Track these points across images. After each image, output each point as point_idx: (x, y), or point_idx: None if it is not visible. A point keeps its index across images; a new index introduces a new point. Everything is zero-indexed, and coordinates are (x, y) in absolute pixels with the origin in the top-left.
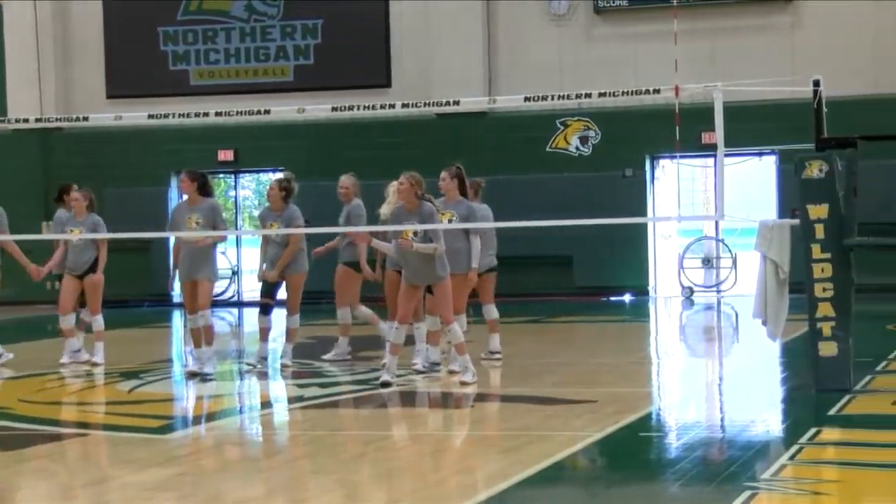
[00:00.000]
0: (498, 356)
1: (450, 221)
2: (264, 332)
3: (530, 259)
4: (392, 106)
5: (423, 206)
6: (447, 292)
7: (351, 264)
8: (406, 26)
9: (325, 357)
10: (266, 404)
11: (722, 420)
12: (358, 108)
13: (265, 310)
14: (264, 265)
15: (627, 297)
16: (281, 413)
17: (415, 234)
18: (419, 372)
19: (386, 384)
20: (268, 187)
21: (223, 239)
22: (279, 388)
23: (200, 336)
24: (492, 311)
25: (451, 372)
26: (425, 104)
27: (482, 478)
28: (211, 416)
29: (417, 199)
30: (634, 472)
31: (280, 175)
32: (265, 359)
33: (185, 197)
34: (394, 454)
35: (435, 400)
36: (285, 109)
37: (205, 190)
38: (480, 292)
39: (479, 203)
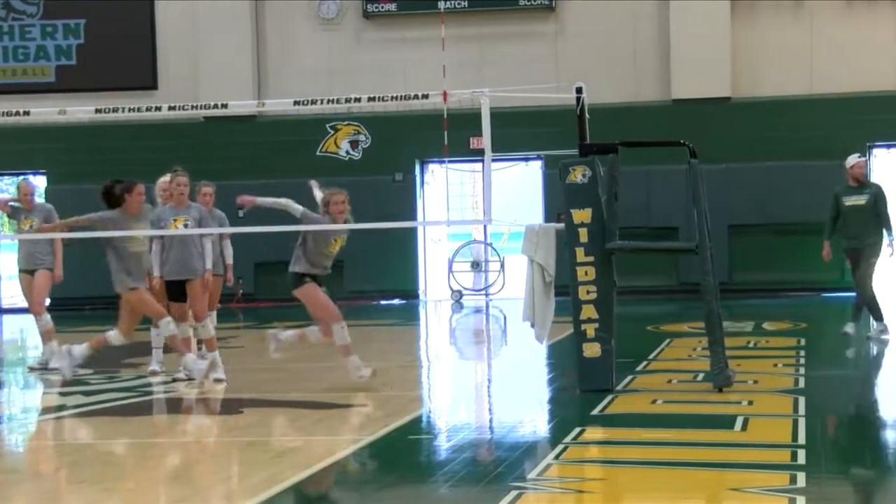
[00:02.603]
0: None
1: (185, 226)
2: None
3: None
4: (158, 108)
5: (192, 205)
6: (203, 290)
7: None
8: (173, 27)
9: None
10: (26, 413)
11: (490, 421)
12: (122, 111)
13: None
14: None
15: (397, 301)
16: (42, 422)
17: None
18: (185, 377)
19: (219, 380)
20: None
21: None
22: (40, 397)
23: None
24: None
25: (218, 380)
26: (192, 107)
27: (252, 484)
28: None
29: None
30: (404, 475)
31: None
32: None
33: None
34: (162, 462)
35: (202, 406)
36: (46, 111)
37: None
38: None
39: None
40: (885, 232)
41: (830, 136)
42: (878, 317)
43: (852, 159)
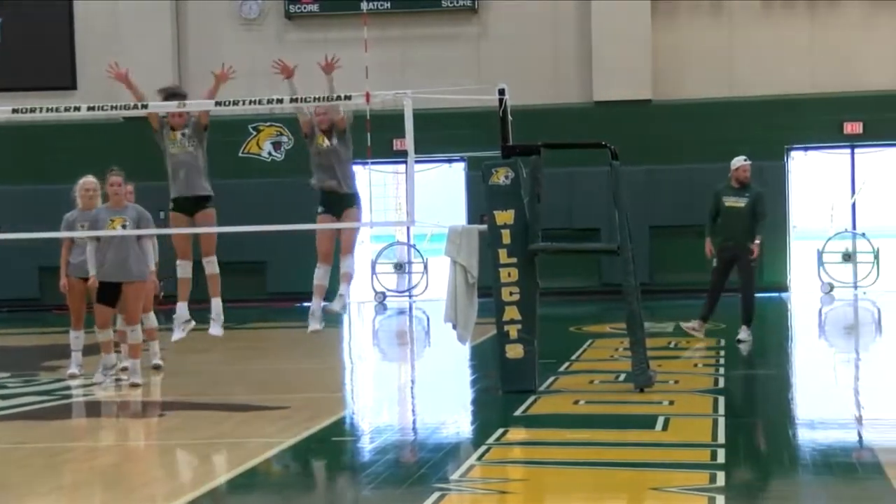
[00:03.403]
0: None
1: (123, 227)
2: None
3: (222, 265)
4: (77, 108)
5: (129, 206)
6: (139, 293)
7: None
8: (92, 27)
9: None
10: None
11: (413, 423)
12: (41, 111)
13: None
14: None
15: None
16: None
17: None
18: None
19: (135, 385)
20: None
21: None
22: None
23: None
24: (151, 320)
25: (134, 385)
26: (112, 107)
27: (174, 487)
28: None
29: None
30: (327, 477)
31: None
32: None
33: None
34: (82, 466)
35: (124, 409)
36: None
37: None
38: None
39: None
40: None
41: (749, 139)
42: (705, 317)
43: (737, 161)
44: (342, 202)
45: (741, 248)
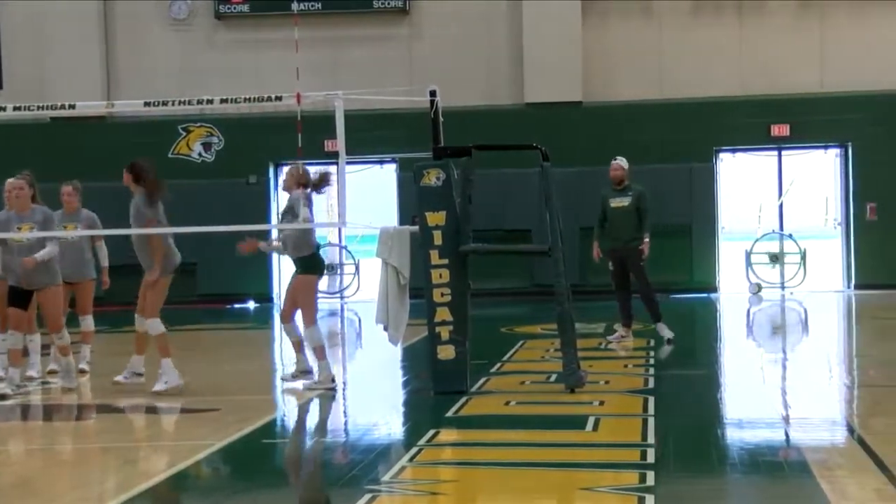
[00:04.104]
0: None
1: (31, 230)
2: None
3: None
4: (3, 108)
5: (36, 209)
6: (56, 298)
7: None
8: (18, 26)
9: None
10: None
11: (345, 424)
12: None
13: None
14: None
15: (252, 305)
16: None
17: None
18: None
19: (4, 396)
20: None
21: None
22: None
23: None
24: (88, 322)
25: (68, 388)
26: (39, 107)
27: (104, 490)
28: None
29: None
30: (258, 479)
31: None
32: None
33: None
34: (10, 469)
35: (53, 412)
36: None
37: None
38: (78, 301)
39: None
40: (644, 233)
41: (679, 141)
42: (627, 323)
43: (612, 162)
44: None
45: (628, 250)
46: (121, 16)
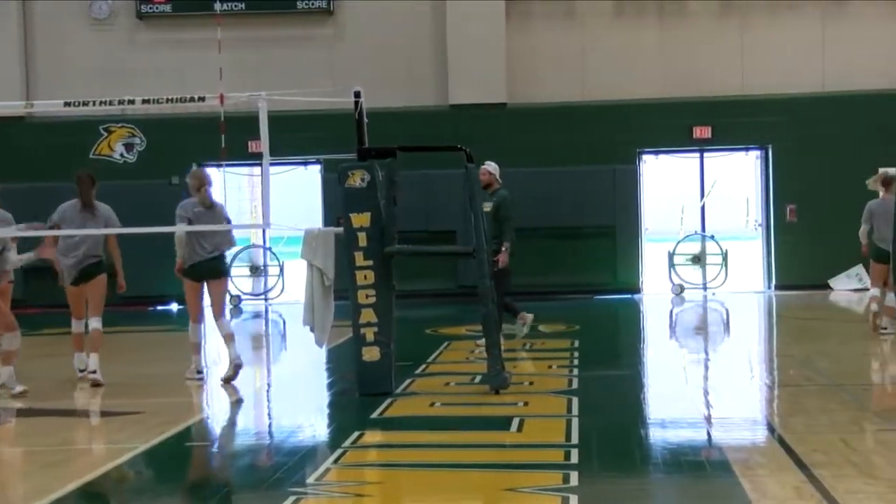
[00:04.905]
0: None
1: None
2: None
3: None
4: None
5: None
6: None
7: None
8: None
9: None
10: None
11: (269, 426)
12: None
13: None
14: None
15: (174, 307)
16: None
17: None
18: None
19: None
20: None
21: None
22: None
23: None
24: None
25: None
26: None
27: (23, 494)
28: None
29: None
30: (181, 483)
31: None
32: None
33: None
34: None
35: None
36: None
37: None
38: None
39: None
40: (505, 240)
41: (602, 143)
42: (516, 312)
43: (481, 167)
44: None
45: (492, 251)
46: (40, 15)
